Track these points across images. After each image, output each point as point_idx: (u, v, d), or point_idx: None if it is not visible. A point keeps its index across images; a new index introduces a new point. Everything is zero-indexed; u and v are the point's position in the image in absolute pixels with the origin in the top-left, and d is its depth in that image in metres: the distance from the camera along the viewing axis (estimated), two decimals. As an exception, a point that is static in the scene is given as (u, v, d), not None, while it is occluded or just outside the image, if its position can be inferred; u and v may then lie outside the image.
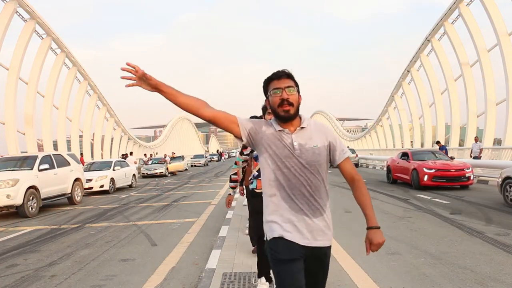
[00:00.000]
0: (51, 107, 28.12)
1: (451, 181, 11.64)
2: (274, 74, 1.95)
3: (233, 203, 9.15)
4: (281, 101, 1.89)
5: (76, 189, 12.28)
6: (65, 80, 30.67)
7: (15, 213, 9.86)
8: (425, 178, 11.71)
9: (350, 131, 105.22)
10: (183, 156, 33.33)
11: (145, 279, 4.40)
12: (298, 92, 1.95)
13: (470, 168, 11.81)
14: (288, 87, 1.90)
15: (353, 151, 32.58)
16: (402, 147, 36.36)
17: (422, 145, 33.61)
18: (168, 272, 4.60)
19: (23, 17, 24.07)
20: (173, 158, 30.89)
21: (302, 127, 1.94)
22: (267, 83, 1.96)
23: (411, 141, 37.93)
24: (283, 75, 1.92)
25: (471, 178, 11.69)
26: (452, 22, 26.10)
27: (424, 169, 11.88)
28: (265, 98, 2.02)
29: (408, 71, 34.33)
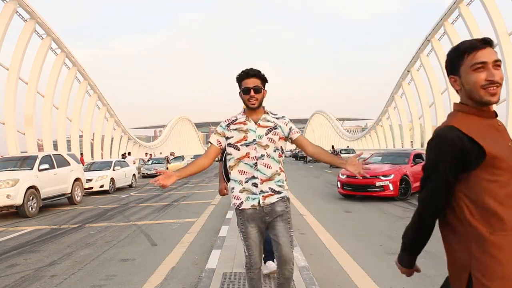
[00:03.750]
0: (51, 107, 28.13)
1: (357, 190, 9.97)
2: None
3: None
4: None
5: (76, 189, 12.28)
6: (65, 80, 30.68)
7: (15, 213, 9.86)
8: (339, 185, 10.46)
9: (350, 131, 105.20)
10: (183, 156, 33.34)
11: (145, 279, 4.40)
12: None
13: (391, 176, 9.56)
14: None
15: (353, 151, 32.63)
16: (402, 147, 36.40)
17: (422, 145, 33.64)
18: (168, 272, 4.60)
19: (23, 17, 24.07)
20: (173, 158, 30.91)
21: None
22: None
23: (411, 141, 37.96)
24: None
25: (390, 188, 9.46)
26: (452, 22, 26.12)
27: (340, 175, 10.48)
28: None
29: (408, 71, 34.36)
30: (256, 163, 2.51)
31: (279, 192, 2.56)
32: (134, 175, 18.35)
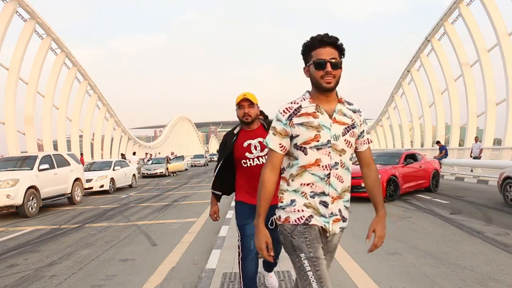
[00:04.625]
0: (51, 107, 28.11)
1: None
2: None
3: (233, 203, 9.14)
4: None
5: (76, 189, 12.28)
6: (65, 80, 30.66)
7: (15, 213, 9.86)
8: None
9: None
10: (183, 156, 33.34)
11: (145, 279, 4.40)
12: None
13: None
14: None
15: (353, 151, 32.60)
16: (402, 147, 36.37)
17: (422, 145, 33.62)
18: (168, 272, 4.60)
19: (23, 17, 24.05)
20: (173, 158, 30.93)
21: None
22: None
23: (411, 141, 37.93)
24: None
25: None
26: (452, 22, 26.08)
27: None
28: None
29: (408, 71, 34.32)
30: (329, 174, 1.85)
31: (345, 219, 1.95)
32: (134, 175, 18.36)
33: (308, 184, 1.85)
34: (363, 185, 9.37)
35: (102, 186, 15.13)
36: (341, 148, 1.87)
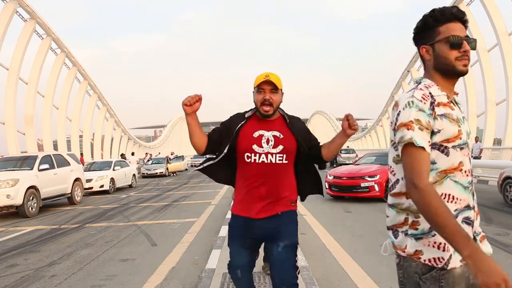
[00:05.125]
0: (51, 107, 28.12)
1: (343, 192, 9.83)
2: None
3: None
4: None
5: (76, 189, 12.28)
6: (65, 80, 30.68)
7: (15, 213, 9.85)
8: (326, 186, 10.12)
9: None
10: (183, 156, 33.32)
11: (145, 279, 4.39)
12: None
13: (377, 177, 9.39)
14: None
15: (353, 151, 32.62)
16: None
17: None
18: (168, 272, 4.60)
19: (23, 17, 24.06)
20: (173, 158, 30.91)
21: None
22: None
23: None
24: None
25: (376, 189, 9.32)
26: (452, 22, 26.09)
27: (328, 176, 10.25)
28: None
29: (408, 71, 34.33)
30: (471, 181, 1.46)
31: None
32: (134, 175, 18.36)
33: (450, 197, 1.39)
34: (362, 185, 9.54)
35: (102, 186, 15.13)
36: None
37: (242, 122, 2.35)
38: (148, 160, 29.28)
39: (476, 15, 23.75)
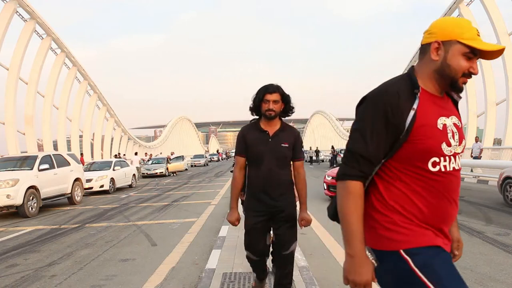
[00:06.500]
0: (51, 107, 28.12)
1: None
2: None
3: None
4: None
5: (76, 189, 12.28)
6: (65, 80, 30.68)
7: (15, 213, 9.86)
8: (325, 186, 10.19)
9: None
10: (183, 156, 33.33)
11: (145, 279, 4.40)
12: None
13: None
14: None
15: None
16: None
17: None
18: (168, 272, 4.60)
19: (23, 17, 24.06)
20: (173, 158, 30.91)
21: None
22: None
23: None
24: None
25: None
26: (452, 22, 26.09)
27: (326, 176, 10.30)
28: None
29: (408, 71, 34.37)
30: None
31: None
32: (134, 175, 18.37)
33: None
34: None
35: (102, 186, 15.13)
36: None
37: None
38: (148, 160, 29.31)
39: (476, 15, 23.79)
